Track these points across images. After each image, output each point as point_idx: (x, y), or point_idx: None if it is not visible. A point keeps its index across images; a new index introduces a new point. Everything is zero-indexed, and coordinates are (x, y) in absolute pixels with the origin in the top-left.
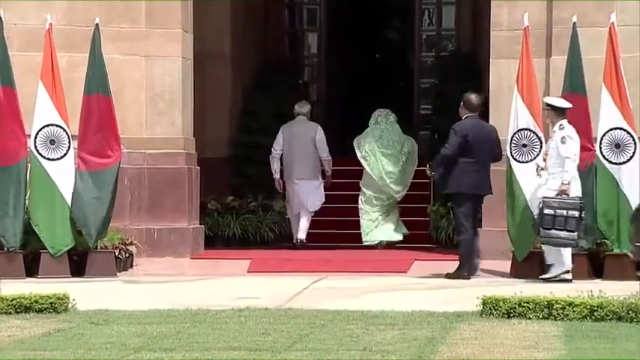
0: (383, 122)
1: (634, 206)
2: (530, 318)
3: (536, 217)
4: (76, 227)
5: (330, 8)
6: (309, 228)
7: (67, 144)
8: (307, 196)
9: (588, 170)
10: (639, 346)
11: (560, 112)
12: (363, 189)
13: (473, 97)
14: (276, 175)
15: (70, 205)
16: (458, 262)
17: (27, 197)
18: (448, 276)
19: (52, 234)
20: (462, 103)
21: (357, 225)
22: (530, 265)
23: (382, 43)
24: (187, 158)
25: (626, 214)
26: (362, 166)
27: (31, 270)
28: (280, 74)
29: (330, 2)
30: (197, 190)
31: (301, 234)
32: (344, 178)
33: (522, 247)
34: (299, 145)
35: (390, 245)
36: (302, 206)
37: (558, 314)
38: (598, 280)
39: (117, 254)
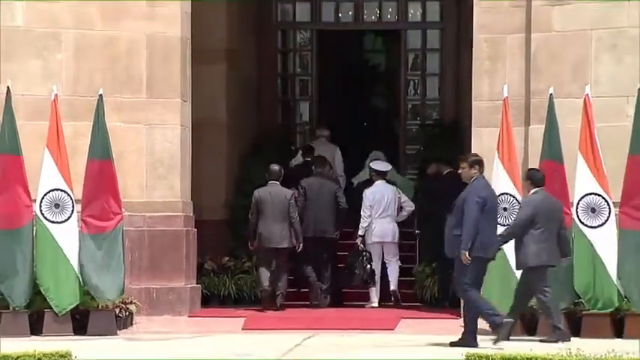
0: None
1: (609, 268)
2: None
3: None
4: (80, 287)
5: (321, 79)
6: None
7: (71, 207)
8: None
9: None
10: None
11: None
12: None
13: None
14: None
15: (73, 265)
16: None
17: (33, 258)
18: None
19: (58, 294)
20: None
21: None
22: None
23: (370, 112)
24: (185, 220)
25: (601, 275)
26: None
27: (36, 328)
28: (273, 141)
29: (321, 74)
30: (194, 251)
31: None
32: None
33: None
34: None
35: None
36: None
37: None
38: (576, 339)
39: (117, 313)
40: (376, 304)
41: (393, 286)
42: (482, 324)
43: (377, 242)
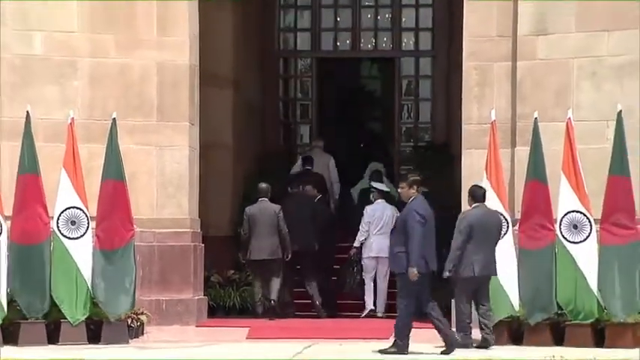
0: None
1: (590, 281)
2: None
3: None
4: (91, 299)
5: (321, 103)
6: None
7: (86, 224)
8: None
9: (549, 248)
10: None
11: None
12: None
13: None
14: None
15: (86, 279)
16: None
17: (50, 272)
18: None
19: (72, 305)
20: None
21: None
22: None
23: (366, 134)
24: (193, 236)
25: (583, 287)
26: None
27: (52, 337)
28: (275, 161)
29: (321, 98)
30: (201, 264)
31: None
32: None
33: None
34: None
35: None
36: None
37: None
38: (559, 347)
39: (129, 323)
40: (372, 307)
41: (380, 314)
42: (475, 334)
43: (373, 257)
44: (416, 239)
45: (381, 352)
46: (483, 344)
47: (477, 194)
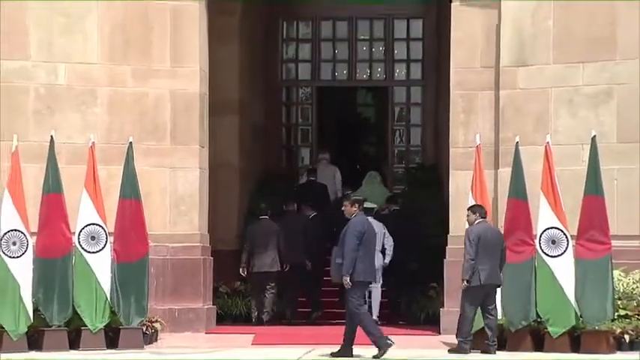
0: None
1: (567, 291)
2: None
3: None
4: (110, 308)
5: (320, 128)
6: None
7: (105, 239)
8: None
9: (529, 262)
10: None
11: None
12: None
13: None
14: None
15: (105, 290)
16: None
17: (72, 283)
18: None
19: (92, 314)
20: None
21: None
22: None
23: (362, 156)
24: (203, 250)
25: (560, 297)
26: None
27: (74, 344)
28: (278, 181)
29: (320, 124)
30: (210, 276)
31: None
32: None
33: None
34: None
35: None
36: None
37: None
38: (539, 352)
39: (144, 330)
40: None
41: (375, 316)
42: (453, 339)
43: None
44: (349, 251)
45: (332, 355)
46: (487, 350)
47: (480, 212)
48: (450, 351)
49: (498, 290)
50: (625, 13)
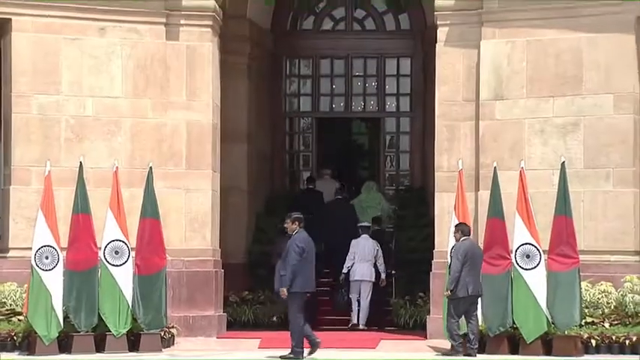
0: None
1: (540, 301)
2: None
3: None
4: (132, 315)
5: (320, 155)
6: None
7: (127, 254)
8: None
9: (506, 274)
10: None
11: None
12: None
13: None
14: None
15: (127, 299)
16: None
17: (98, 293)
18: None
19: (115, 320)
20: None
21: None
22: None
23: (357, 180)
24: (214, 263)
25: (534, 306)
26: None
27: (99, 347)
28: (282, 202)
29: (320, 151)
30: (221, 286)
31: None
32: None
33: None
34: None
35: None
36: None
37: None
38: (515, 356)
39: (162, 335)
40: (356, 322)
41: (362, 326)
42: (438, 343)
43: (357, 280)
44: (289, 265)
45: (282, 357)
46: (469, 353)
47: (465, 230)
48: (444, 354)
49: (479, 299)
50: (589, 55)
